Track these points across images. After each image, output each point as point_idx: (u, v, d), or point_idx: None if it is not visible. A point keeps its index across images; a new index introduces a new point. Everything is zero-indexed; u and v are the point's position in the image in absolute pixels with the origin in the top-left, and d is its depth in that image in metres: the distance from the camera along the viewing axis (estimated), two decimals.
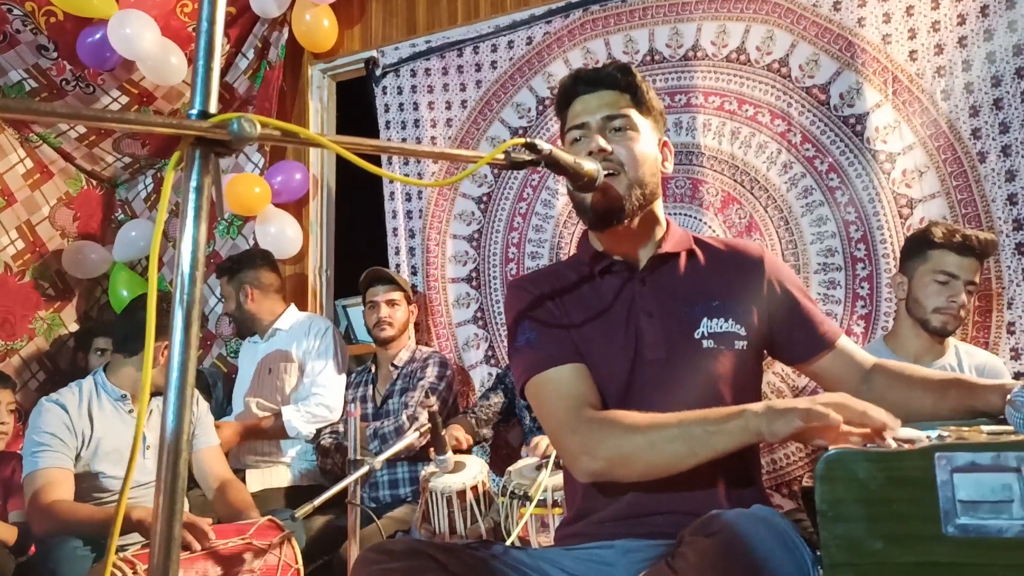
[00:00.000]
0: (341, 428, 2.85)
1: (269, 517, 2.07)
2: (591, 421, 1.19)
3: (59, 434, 2.17)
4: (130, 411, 2.32)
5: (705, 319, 1.31)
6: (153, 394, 2.36)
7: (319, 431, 2.87)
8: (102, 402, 2.29)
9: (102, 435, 2.24)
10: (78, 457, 2.20)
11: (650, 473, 1.16)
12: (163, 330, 2.33)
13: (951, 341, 2.19)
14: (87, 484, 2.21)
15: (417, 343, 3.08)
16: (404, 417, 2.68)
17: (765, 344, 1.39)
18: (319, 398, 2.87)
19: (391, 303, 2.92)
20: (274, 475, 2.85)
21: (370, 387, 2.95)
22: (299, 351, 2.99)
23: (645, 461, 1.14)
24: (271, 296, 3.11)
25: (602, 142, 1.30)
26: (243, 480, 2.79)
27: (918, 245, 2.16)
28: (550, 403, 1.26)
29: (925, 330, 2.12)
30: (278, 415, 2.84)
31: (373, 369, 2.99)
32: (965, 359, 2.15)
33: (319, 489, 1.90)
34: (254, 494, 2.75)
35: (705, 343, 1.29)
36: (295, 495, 2.72)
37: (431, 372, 2.82)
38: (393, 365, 2.91)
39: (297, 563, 2.00)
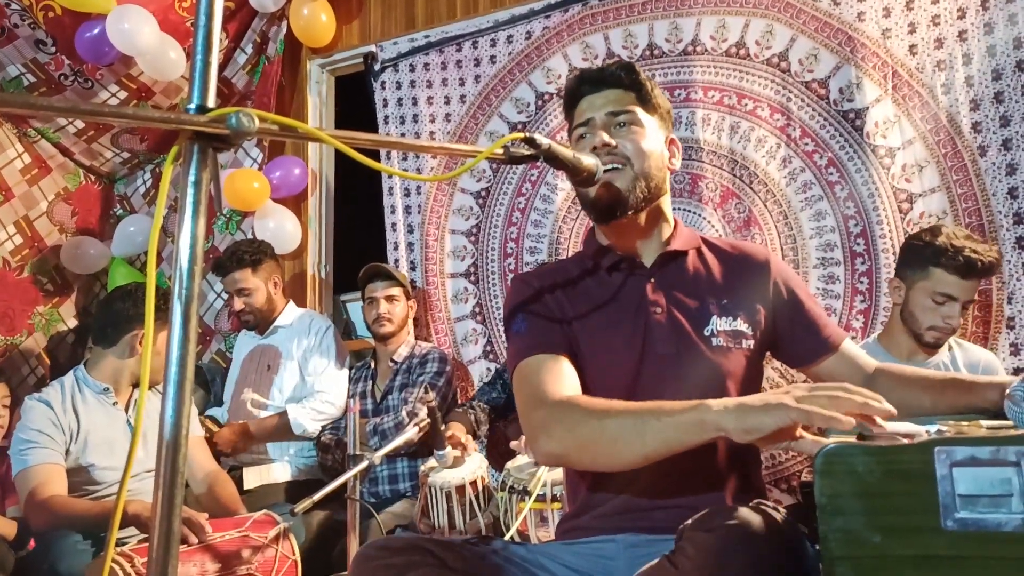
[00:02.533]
0: (341, 424, 2.85)
1: (265, 511, 2.08)
2: (553, 403, 1.19)
3: (46, 430, 2.18)
4: (114, 403, 2.34)
5: (715, 317, 1.31)
6: (136, 384, 2.38)
7: (322, 428, 2.87)
8: (85, 396, 2.31)
9: (89, 428, 2.26)
10: (68, 452, 2.22)
11: (601, 463, 1.13)
12: (139, 319, 2.35)
13: None
14: (79, 477, 2.23)
15: (416, 338, 3.08)
16: (404, 413, 2.67)
17: (769, 345, 1.39)
18: (324, 395, 2.87)
19: (390, 299, 2.92)
20: (273, 471, 2.85)
21: (370, 383, 2.95)
22: (299, 349, 2.98)
23: (597, 450, 1.10)
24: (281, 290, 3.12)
25: (605, 136, 1.31)
26: (240, 477, 2.80)
27: (919, 258, 2.07)
28: (524, 387, 1.26)
29: (918, 343, 2.11)
30: (282, 414, 2.83)
31: (373, 365, 2.99)
32: (960, 356, 2.14)
33: (318, 484, 1.90)
34: (253, 490, 2.76)
35: (715, 340, 1.30)
36: (295, 490, 2.72)
37: (430, 368, 2.82)
38: (392, 361, 2.91)
39: (294, 555, 2.01)
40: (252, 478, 2.81)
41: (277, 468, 2.86)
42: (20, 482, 2.15)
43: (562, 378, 1.24)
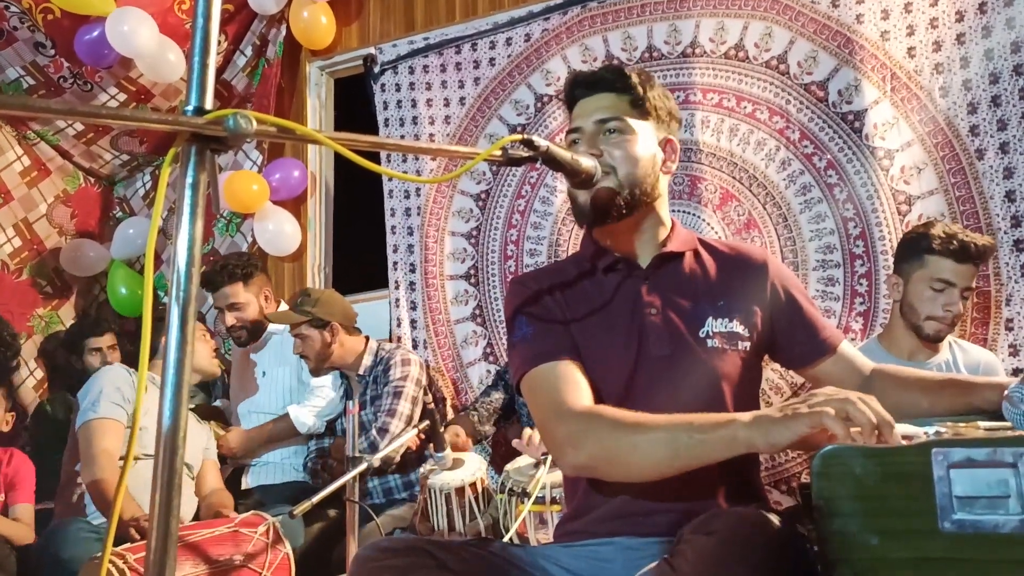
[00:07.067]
0: (327, 443, 2.82)
1: (254, 512, 2.10)
2: (578, 414, 1.19)
3: (123, 389, 2.42)
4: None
5: (710, 318, 1.31)
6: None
7: (322, 431, 2.86)
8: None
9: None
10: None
11: (632, 475, 1.14)
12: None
13: (947, 338, 2.18)
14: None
15: (399, 340, 3.05)
16: (374, 432, 2.52)
17: (766, 347, 1.39)
18: (321, 390, 2.85)
19: (300, 337, 2.70)
20: (272, 472, 2.85)
21: (345, 401, 2.89)
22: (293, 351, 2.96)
23: (627, 462, 1.11)
24: (274, 300, 3.10)
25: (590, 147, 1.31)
26: (240, 477, 2.81)
27: (915, 249, 2.09)
28: (541, 396, 1.26)
29: (918, 336, 2.10)
30: (282, 418, 2.82)
31: (346, 382, 2.87)
32: (960, 356, 2.14)
33: (318, 488, 1.91)
34: (252, 489, 2.78)
35: (710, 342, 1.29)
36: (294, 493, 2.72)
37: (393, 373, 2.67)
38: (358, 376, 2.77)
39: (285, 549, 2.03)
40: (252, 478, 2.83)
41: (278, 468, 2.86)
42: (83, 433, 2.34)
43: (578, 386, 1.24)
